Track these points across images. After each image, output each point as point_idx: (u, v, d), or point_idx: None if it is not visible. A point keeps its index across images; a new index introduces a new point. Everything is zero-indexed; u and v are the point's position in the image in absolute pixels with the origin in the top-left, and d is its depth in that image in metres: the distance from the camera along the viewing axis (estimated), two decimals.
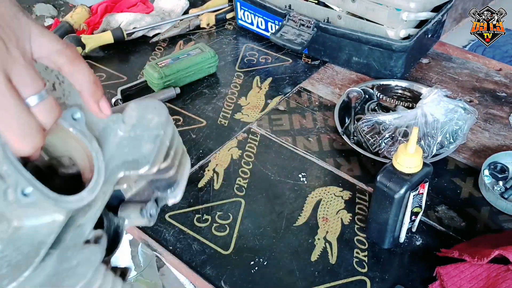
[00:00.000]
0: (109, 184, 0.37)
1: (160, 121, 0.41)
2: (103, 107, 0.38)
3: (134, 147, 0.39)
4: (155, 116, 0.41)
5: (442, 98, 0.86)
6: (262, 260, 0.72)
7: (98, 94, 0.38)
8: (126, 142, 0.40)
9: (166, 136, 0.40)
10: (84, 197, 0.35)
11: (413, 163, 0.64)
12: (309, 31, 1.08)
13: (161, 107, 0.42)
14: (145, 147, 0.39)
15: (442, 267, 0.67)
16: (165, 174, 0.40)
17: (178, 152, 0.42)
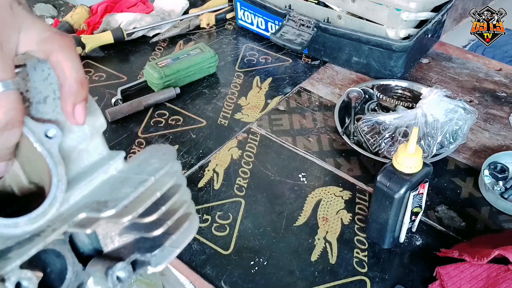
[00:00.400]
0: (64, 221, 0.32)
1: (158, 167, 0.35)
2: (77, 112, 0.34)
3: (115, 188, 0.34)
4: (157, 162, 0.36)
5: (442, 98, 0.86)
6: (262, 260, 0.72)
7: (79, 96, 0.34)
8: (112, 182, 0.35)
9: (157, 185, 0.34)
10: (18, 224, 0.30)
11: (413, 163, 0.64)
12: (309, 31, 1.08)
13: (171, 154, 0.37)
14: (123, 190, 0.33)
15: (442, 267, 0.67)
16: (149, 232, 0.34)
17: (175, 212, 0.35)
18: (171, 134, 0.95)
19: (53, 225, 0.32)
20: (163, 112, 1.01)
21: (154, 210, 0.33)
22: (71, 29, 1.22)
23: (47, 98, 0.35)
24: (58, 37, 0.33)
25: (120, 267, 0.34)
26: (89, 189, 0.34)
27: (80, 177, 0.35)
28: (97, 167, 0.36)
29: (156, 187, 0.34)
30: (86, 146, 0.36)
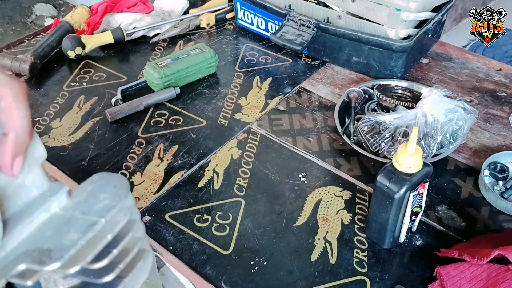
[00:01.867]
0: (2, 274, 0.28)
1: (109, 204, 0.31)
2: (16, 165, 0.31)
3: (59, 232, 0.30)
4: (108, 198, 0.32)
5: (442, 98, 0.86)
6: (262, 260, 0.72)
7: (23, 148, 0.31)
8: (55, 223, 0.31)
9: (108, 227, 0.30)
10: None
11: (413, 163, 0.64)
12: (309, 31, 1.08)
13: (123, 187, 0.33)
14: (69, 236, 0.29)
15: (442, 267, 0.67)
16: (98, 278, 0.30)
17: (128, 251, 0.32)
18: (171, 134, 0.95)
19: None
20: (163, 112, 1.01)
21: (104, 254, 0.30)
22: (71, 29, 1.22)
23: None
24: (11, 82, 0.31)
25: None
26: (29, 232, 0.31)
27: (18, 217, 0.31)
28: (37, 205, 0.32)
29: (107, 229, 0.30)
30: (23, 180, 0.32)
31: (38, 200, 0.32)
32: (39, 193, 0.33)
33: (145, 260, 0.33)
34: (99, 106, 1.03)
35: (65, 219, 0.31)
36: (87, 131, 0.96)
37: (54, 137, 0.95)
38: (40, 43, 1.14)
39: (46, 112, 1.02)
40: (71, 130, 0.97)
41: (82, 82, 1.10)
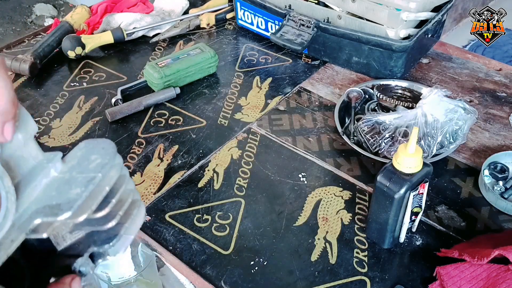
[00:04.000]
0: (20, 230, 0.32)
1: (102, 162, 0.35)
2: (6, 130, 0.33)
3: (62, 190, 0.34)
4: (99, 157, 0.36)
5: (442, 98, 0.86)
6: (262, 260, 0.72)
7: (9, 115, 0.33)
8: (57, 185, 0.35)
9: (105, 180, 0.34)
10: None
11: (413, 163, 0.64)
12: (309, 31, 1.08)
13: (110, 147, 0.37)
14: (73, 191, 0.33)
15: (442, 267, 0.67)
16: (103, 225, 0.35)
17: (124, 201, 0.36)
18: (171, 134, 0.95)
19: (10, 236, 0.32)
20: (163, 112, 1.01)
21: (105, 204, 0.34)
22: (71, 29, 1.22)
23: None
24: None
25: (81, 262, 0.35)
26: (35, 195, 0.34)
27: (23, 185, 0.34)
28: (37, 172, 0.35)
29: (104, 183, 0.34)
30: (21, 152, 0.35)
31: (36, 169, 0.35)
32: (36, 163, 0.36)
33: (139, 208, 0.38)
34: (99, 106, 1.03)
35: (65, 180, 0.35)
36: (87, 131, 0.96)
37: (54, 137, 0.95)
38: (40, 43, 1.14)
39: (46, 112, 1.02)
40: (71, 130, 0.97)
41: (82, 82, 1.10)
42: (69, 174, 0.35)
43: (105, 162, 0.35)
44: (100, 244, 0.36)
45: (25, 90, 1.08)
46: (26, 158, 0.35)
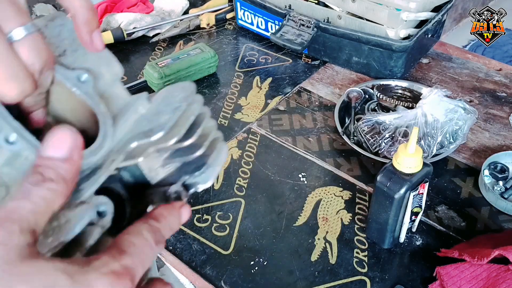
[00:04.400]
0: (119, 153, 0.35)
1: (184, 95, 0.38)
2: (95, 39, 0.34)
3: (152, 120, 0.37)
4: (181, 93, 0.39)
5: (442, 98, 0.86)
6: (262, 260, 0.72)
7: (93, 24, 0.34)
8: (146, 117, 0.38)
9: (189, 110, 0.37)
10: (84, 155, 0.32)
11: (413, 163, 0.64)
12: (309, 31, 1.08)
13: (190, 86, 0.40)
14: (163, 117, 0.36)
15: (442, 267, 0.67)
16: (191, 154, 0.37)
17: (208, 134, 0.39)
18: None
19: (110, 157, 0.34)
20: None
21: (191, 134, 0.36)
22: None
23: (66, 51, 0.36)
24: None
25: (175, 188, 0.37)
26: (127, 127, 0.37)
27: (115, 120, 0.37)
28: (126, 110, 0.38)
29: (189, 112, 0.37)
30: (110, 93, 0.38)
31: (126, 107, 0.38)
32: (124, 102, 0.38)
33: (222, 143, 0.40)
34: None
35: (153, 112, 0.37)
36: None
37: None
38: None
39: None
40: None
41: None
42: (156, 108, 0.38)
43: (187, 95, 0.38)
44: (190, 173, 0.38)
45: None
46: (114, 97, 0.37)
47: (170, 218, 0.32)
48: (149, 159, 0.37)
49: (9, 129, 0.29)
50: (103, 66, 0.37)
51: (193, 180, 0.39)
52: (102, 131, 0.34)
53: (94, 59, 0.37)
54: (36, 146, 0.30)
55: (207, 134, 0.39)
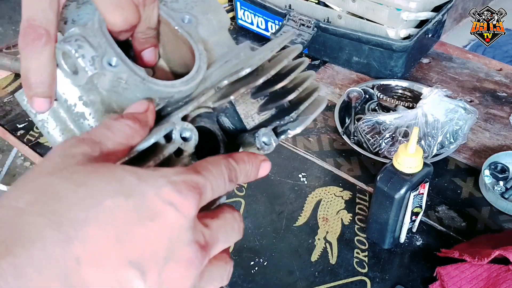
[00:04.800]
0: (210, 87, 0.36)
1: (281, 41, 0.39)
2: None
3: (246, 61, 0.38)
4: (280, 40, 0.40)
5: (443, 98, 0.86)
6: (262, 260, 0.72)
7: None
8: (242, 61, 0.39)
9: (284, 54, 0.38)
10: (175, 85, 0.34)
11: (413, 163, 0.64)
12: (309, 31, 1.08)
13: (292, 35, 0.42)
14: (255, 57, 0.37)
15: (443, 267, 0.66)
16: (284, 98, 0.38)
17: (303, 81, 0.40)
18: None
19: (200, 90, 0.36)
20: None
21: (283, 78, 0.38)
22: None
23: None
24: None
25: (264, 131, 0.37)
26: (224, 70, 0.38)
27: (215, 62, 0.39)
28: (229, 54, 0.40)
29: (282, 57, 0.38)
30: (217, 39, 0.40)
31: (228, 53, 0.40)
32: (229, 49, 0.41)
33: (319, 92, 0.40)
34: None
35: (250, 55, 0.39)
36: None
37: None
38: None
39: None
40: None
41: None
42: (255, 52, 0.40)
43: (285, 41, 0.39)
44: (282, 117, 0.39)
45: None
46: (220, 44, 0.40)
47: (248, 165, 0.33)
48: (246, 104, 0.40)
49: (112, 54, 0.33)
50: (211, 13, 0.40)
51: (284, 127, 0.39)
52: (196, 65, 0.36)
53: (202, 6, 0.40)
54: (134, 71, 0.33)
55: (303, 80, 0.40)
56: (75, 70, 0.33)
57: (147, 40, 0.36)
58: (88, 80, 0.33)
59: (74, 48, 0.32)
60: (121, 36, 0.35)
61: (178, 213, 0.25)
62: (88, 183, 0.24)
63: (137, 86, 0.33)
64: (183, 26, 0.37)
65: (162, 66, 0.40)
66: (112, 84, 0.33)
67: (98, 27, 0.33)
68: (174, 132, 0.33)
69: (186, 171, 0.27)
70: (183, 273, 0.25)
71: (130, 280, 0.23)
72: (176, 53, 0.38)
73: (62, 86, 0.34)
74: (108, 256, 0.23)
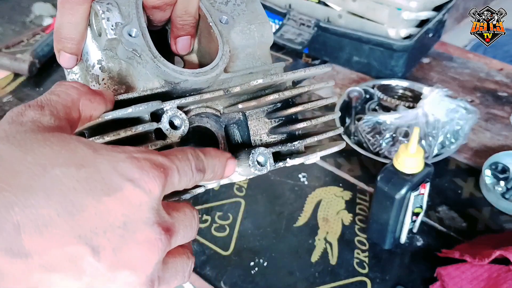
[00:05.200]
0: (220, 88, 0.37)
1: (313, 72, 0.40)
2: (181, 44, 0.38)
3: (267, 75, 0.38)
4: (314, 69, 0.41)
5: (443, 98, 0.86)
6: (262, 260, 0.72)
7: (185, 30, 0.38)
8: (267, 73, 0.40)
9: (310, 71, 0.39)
10: (183, 72, 0.34)
11: (414, 163, 0.64)
12: (310, 31, 1.08)
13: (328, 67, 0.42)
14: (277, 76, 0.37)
15: (443, 267, 0.66)
16: (295, 124, 0.38)
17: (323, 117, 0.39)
18: None
19: (213, 86, 0.36)
20: None
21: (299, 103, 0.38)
22: None
23: (229, 2, 0.40)
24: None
25: (262, 151, 0.36)
26: (246, 79, 0.38)
27: (240, 70, 0.39)
28: (258, 68, 0.39)
29: (308, 73, 0.38)
30: (254, 51, 0.40)
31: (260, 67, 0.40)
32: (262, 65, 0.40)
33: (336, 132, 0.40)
34: None
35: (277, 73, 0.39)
36: None
37: None
38: (39, 42, 1.14)
39: None
40: None
41: None
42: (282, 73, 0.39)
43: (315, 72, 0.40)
44: (287, 142, 0.38)
45: (24, 90, 1.08)
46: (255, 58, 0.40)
47: (215, 160, 0.31)
48: (258, 122, 0.39)
49: (136, 25, 0.33)
50: (255, 25, 0.40)
51: (285, 152, 0.39)
52: (214, 62, 0.35)
53: (249, 16, 0.40)
54: (149, 46, 0.33)
55: (321, 115, 0.40)
56: (100, 32, 0.34)
57: (184, 27, 0.36)
58: (108, 44, 0.34)
59: (102, 9, 0.33)
60: (155, 15, 0.35)
61: (138, 190, 0.23)
62: (36, 151, 0.23)
63: (148, 62, 0.33)
64: (218, 24, 0.37)
65: (194, 60, 0.40)
66: (127, 55, 0.34)
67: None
68: (164, 115, 0.33)
69: (150, 151, 0.26)
70: (145, 255, 0.23)
71: (81, 256, 0.22)
72: (208, 50, 0.38)
73: (89, 47, 0.35)
74: (54, 226, 0.21)
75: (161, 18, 0.36)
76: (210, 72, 0.35)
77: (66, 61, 0.34)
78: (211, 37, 0.37)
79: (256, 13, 0.40)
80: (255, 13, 0.40)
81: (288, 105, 0.40)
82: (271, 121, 0.40)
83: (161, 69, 0.33)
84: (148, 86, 0.35)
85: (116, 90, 0.35)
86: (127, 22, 0.34)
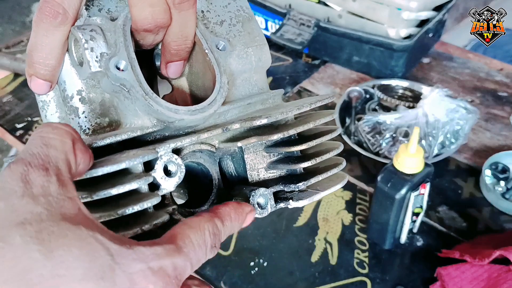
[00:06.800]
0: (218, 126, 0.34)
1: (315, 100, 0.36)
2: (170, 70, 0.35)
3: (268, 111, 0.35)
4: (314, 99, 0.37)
5: (443, 98, 0.86)
6: (262, 261, 0.72)
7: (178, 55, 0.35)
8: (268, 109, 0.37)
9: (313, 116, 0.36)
10: (178, 111, 0.30)
11: (414, 163, 0.64)
12: (310, 31, 1.08)
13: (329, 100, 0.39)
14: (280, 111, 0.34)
15: (443, 267, 0.66)
16: (297, 163, 0.35)
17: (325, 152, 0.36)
18: None
19: (208, 121, 0.34)
20: None
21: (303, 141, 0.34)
22: None
23: (224, 22, 0.37)
24: None
25: (262, 192, 0.34)
26: (246, 112, 0.36)
27: (237, 101, 0.36)
28: (257, 97, 0.37)
29: (309, 119, 0.35)
30: (250, 76, 0.37)
31: (257, 96, 0.37)
32: (259, 92, 0.38)
33: (339, 168, 0.37)
34: None
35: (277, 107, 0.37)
36: None
37: None
38: None
39: None
40: None
41: None
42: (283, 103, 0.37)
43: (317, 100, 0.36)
44: (288, 182, 0.36)
45: (24, 90, 1.08)
46: (252, 84, 0.38)
47: (234, 222, 0.30)
48: (256, 155, 0.36)
49: (124, 56, 0.30)
50: (253, 48, 0.38)
51: (287, 194, 0.36)
52: (211, 98, 0.33)
53: (246, 38, 0.37)
54: (140, 82, 0.30)
55: (326, 150, 0.36)
56: (81, 61, 0.30)
57: (178, 52, 0.33)
58: (92, 76, 0.30)
59: (85, 38, 0.29)
60: (146, 39, 0.32)
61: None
62: (56, 254, 0.22)
63: (138, 99, 0.30)
64: (214, 51, 0.34)
65: (183, 85, 0.37)
66: (113, 89, 0.31)
67: (121, 24, 0.31)
68: (158, 161, 0.29)
69: (166, 252, 0.25)
70: None
71: None
72: (200, 77, 0.36)
73: (66, 74, 0.31)
74: None
75: (152, 42, 0.32)
76: (208, 108, 0.32)
77: (38, 88, 0.30)
78: (206, 64, 0.34)
79: (253, 35, 0.38)
80: (252, 34, 0.38)
81: (289, 139, 0.37)
82: (270, 155, 0.37)
83: (154, 107, 0.30)
84: (136, 123, 0.32)
85: (98, 124, 0.31)
86: (114, 52, 0.30)
